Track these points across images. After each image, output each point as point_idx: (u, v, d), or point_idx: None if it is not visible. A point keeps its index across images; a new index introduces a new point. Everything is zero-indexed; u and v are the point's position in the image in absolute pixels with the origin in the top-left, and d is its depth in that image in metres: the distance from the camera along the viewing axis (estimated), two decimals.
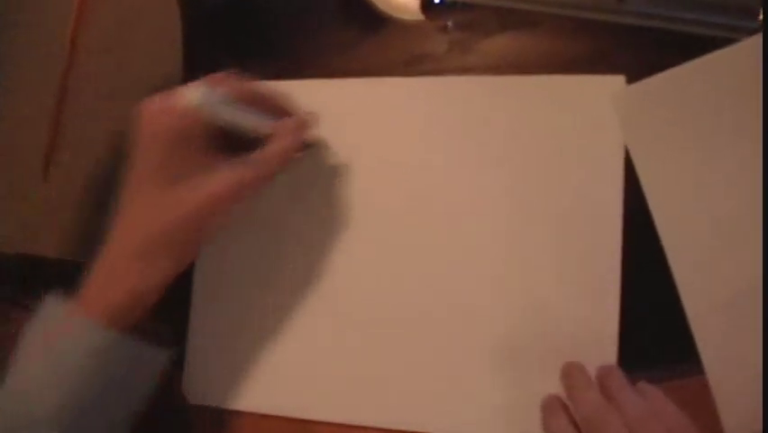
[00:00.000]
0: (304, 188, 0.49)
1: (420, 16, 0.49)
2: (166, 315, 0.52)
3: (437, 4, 0.49)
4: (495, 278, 0.45)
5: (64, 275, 0.53)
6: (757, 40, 0.42)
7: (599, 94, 0.45)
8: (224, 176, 0.41)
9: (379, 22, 0.50)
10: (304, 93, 0.50)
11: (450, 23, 0.49)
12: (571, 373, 0.41)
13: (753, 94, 0.42)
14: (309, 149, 0.48)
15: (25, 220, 0.55)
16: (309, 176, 0.49)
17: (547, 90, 0.46)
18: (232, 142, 0.43)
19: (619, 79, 0.44)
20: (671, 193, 0.43)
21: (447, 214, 0.46)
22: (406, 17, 0.49)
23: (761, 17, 0.42)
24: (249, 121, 0.42)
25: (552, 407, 0.41)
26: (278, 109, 0.44)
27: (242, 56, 0.53)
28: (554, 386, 0.42)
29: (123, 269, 0.40)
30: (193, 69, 0.52)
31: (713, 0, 0.43)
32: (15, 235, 0.55)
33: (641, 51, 0.46)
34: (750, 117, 0.42)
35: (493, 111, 0.46)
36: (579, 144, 0.45)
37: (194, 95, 0.40)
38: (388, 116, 0.48)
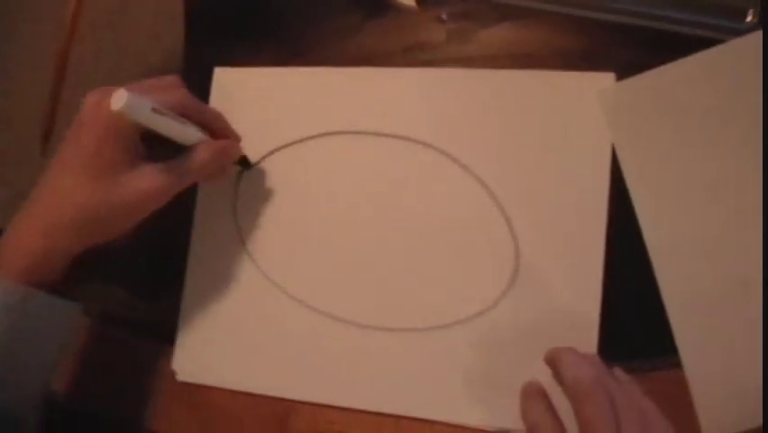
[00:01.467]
0: (298, 172, 0.50)
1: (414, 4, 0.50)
2: (151, 297, 0.53)
3: None
4: (478, 264, 0.46)
5: None
6: (745, 41, 0.42)
7: (589, 90, 0.45)
8: (145, 181, 0.43)
9: (379, 9, 0.51)
10: (299, 79, 0.51)
11: (444, 14, 0.49)
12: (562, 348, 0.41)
13: (737, 93, 0.42)
14: (248, 167, 0.50)
15: (23, 194, 0.55)
16: (302, 161, 0.50)
17: (536, 85, 0.46)
18: (165, 144, 0.44)
19: (609, 77, 0.45)
20: (654, 190, 0.44)
21: (435, 202, 0.47)
22: (404, 2, 0.50)
23: (749, 18, 0.42)
24: (173, 131, 0.43)
25: (531, 393, 0.41)
26: (211, 127, 0.46)
27: (241, 38, 0.54)
28: (533, 373, 0.42)
29: (27, 243, 0.43)
30: (193, 48, 0.53)
31: (703, 1, 0.44)
32: (11, 209, 0.55)
33: (633, 50, 0.46)
34: (734, 116, 0.43)
35: (483, 103, 0.47)
36: (566, 140, 0.45)
37: (118, 100, 0.39)
38: (380, 105, 0.49)
